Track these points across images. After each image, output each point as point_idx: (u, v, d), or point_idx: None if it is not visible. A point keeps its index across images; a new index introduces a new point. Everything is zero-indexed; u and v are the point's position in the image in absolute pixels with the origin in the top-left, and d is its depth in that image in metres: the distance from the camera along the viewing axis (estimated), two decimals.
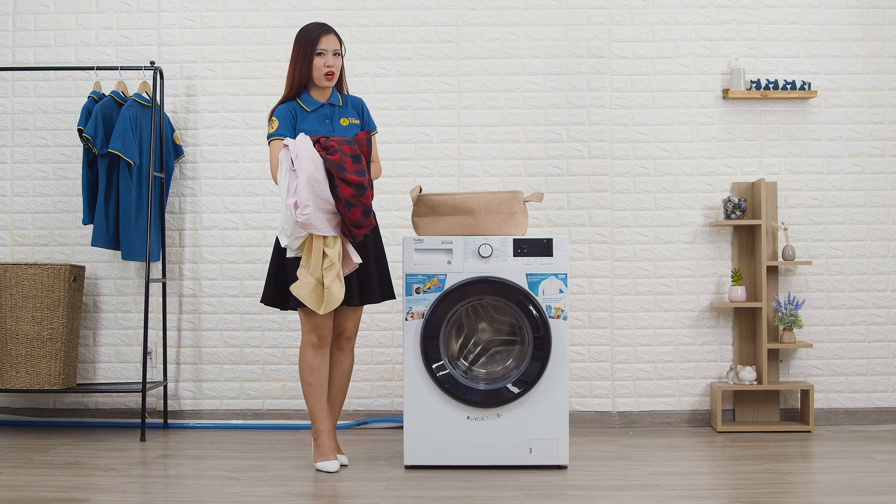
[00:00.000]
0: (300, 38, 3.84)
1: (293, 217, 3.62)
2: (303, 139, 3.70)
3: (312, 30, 3.84)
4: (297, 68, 3.85)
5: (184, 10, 5.03)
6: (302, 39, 3.83)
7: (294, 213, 3.60)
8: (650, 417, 4.92)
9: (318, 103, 3.89)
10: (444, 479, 3.74)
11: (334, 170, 3.64)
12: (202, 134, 5.03)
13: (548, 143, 4.98)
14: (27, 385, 4.60)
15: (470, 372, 4.04)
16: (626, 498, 3.42)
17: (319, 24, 3.87)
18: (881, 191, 4.97)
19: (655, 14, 4.99)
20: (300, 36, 3.85)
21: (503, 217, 3.99)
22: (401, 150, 4.97)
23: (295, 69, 3.85)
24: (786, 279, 4.94)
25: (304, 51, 3.82)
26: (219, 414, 4.97)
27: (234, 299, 4.97)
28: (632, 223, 4.96)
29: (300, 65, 3.84)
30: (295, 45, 3.86)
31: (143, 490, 3.59)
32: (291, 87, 3.87)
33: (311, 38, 3.81)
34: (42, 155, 5.05)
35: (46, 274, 4.62)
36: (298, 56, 3.84)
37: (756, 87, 4.92)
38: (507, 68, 4.99)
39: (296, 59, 3.85)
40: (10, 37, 5.06)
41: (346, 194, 3.63)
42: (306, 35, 3.83)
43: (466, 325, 4.10)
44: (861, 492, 3.48)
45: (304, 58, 3.83)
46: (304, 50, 3.82)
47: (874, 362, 4.94)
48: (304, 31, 3.86)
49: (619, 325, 4.94)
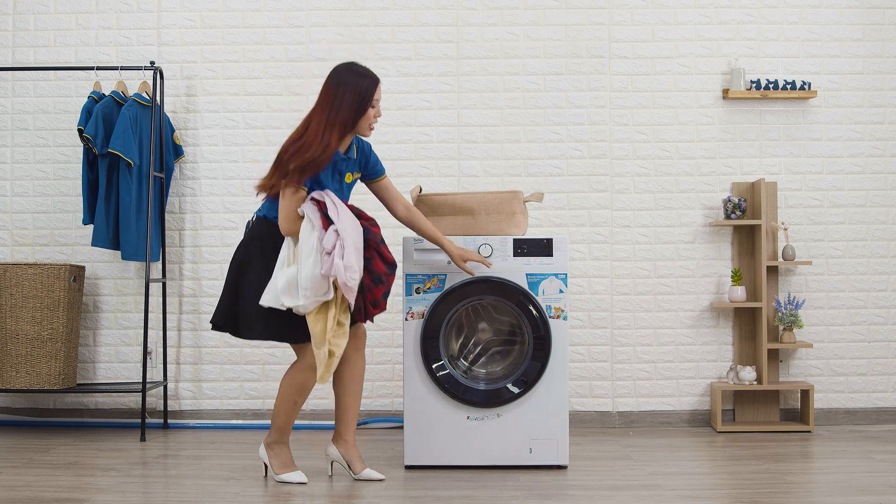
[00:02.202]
0: (356, 85, 3.50)
1: (342, 280, 3.39)
2: (339, 201, 3.51)
3: (370, 77, 3.55)
4: (341, 114, 3.48)
5: (184, 10, 5.03)
6: (358, 87, 3.50)
7: (344, 275, 3.38)
8: (650, 417, 4.92)
9: (339, 155, 3.56)
10: (444, 479, 3.74)
11: (375, 242, 3.53)
12: (202, 134, 5.03)
13: (548, 143, 4.98)
14: (27, 385, 4.60)
15: (470, 372, 4.04)
16: (626, 498, 3.42)
17: (372, 73, 3.57)
18: (881, 191, 4.97)
19: (655, 14, 4.99)
20: (355, 82, 3.51)
21: (503, 217, 3.99)
22: (401, 150, 4.97)
23: (338, 115, 3.47)
24: (786, 279, 4.94)
25: (358, 98, 3.49)
26: (219, 414, 4.97)
27: None
28: (632, 223, 4.96)
29: (350, 113, 3.49)
30: (342, 88, 3.50)
31: (143, 490, 3.59)
32: (326, 132, 3.46)
33: (370, 87, 3.52)
34: (42, 155, 5.05)
35: (46, 274, 4.62)
36: (349, 102, 3.49)
37: (756, 87, 4.92)
38: (507, 68, 4.99)
39: (341, 105, 3.48)
40: (10, 37, 5.06)
41: (380, 270, 3.54)
42: (364, 83, 3.52)
43: (466, 325, 4.10)
44: (861, 492, 3.48)
45: (357, 106, 3.50)
46: (359, 97, 3.49)
47: (874, 362, 4.94)
48: (358, 77, 3.53)
49: (619, 325, 4.94)
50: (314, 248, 3.42)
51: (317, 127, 3.48)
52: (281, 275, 3.45)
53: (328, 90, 3.53)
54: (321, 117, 3.49)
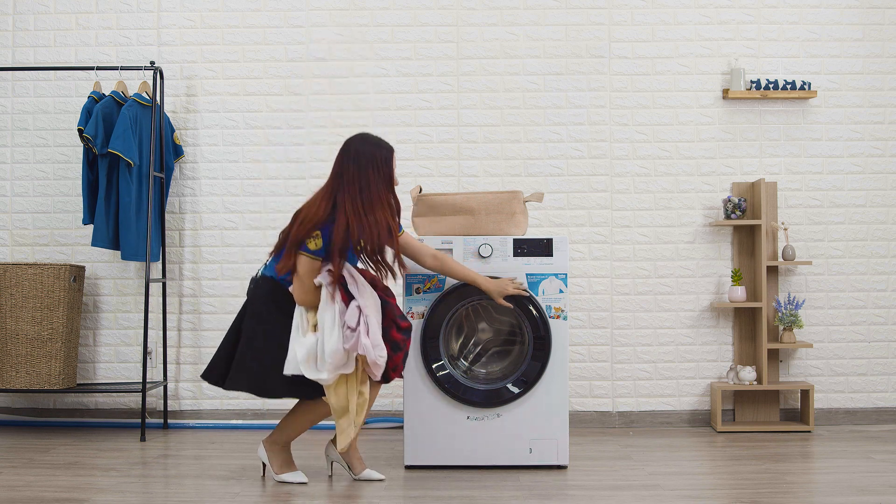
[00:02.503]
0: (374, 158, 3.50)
1: (372, 359, 3.41)
2: (356, 273, 3.51)
3: (387, 149, 3.56)
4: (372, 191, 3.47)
5: (184, 10, 5.03)
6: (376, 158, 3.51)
7: (373, 354, 3.40)
8: (650, 417, 4.92)
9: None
10: (444, 479, 3.74)
11: (393, 315, 3.53)
12: (202, 134, 5.03)
13: (548, 143, 4.98)
14: (27, 385, 4.60)
15: (470, 372, 4.04)
16: (626, 498, 3.42)
17: (387, 143, 3.58)
18: (881, 191, 4.97)
19: (655, 14, 4.99)
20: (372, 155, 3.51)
21: (503, 217, 3.99)
22: (401, 150, 4.97)
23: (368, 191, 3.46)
24: (786, 279, 4.94)
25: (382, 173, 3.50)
26: (219, 414, 4.97)
27: (234, 299, 4.97)
28: (632, 223, 4.96)
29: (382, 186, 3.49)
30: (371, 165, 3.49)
31: (143, 490, 3.59)
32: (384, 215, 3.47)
33: (387, 158, 3.53)
34: (42, 155, 5.05)
35: (46, 274, 4.62)
36: (375, 177, 3.49)
37: (756, 87, 4.92)
38: (507, 68, 4.99)
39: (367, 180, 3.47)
40: (10, 37, 5.06)
41: (398, 338, 3.53)
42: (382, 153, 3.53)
43: (466, 325, 4.10)
44: (861, 492, 3.48)
45: (384, 178, 3.51)
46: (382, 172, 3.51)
47: (874, 362, 4.94)
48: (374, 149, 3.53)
49: (619, 325, 4.94)
50: (335, 322, 3.41)
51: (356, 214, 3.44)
52: (299, 346, 3.44)
53: (349, 165, 3.50)
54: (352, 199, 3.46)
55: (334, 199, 3.50)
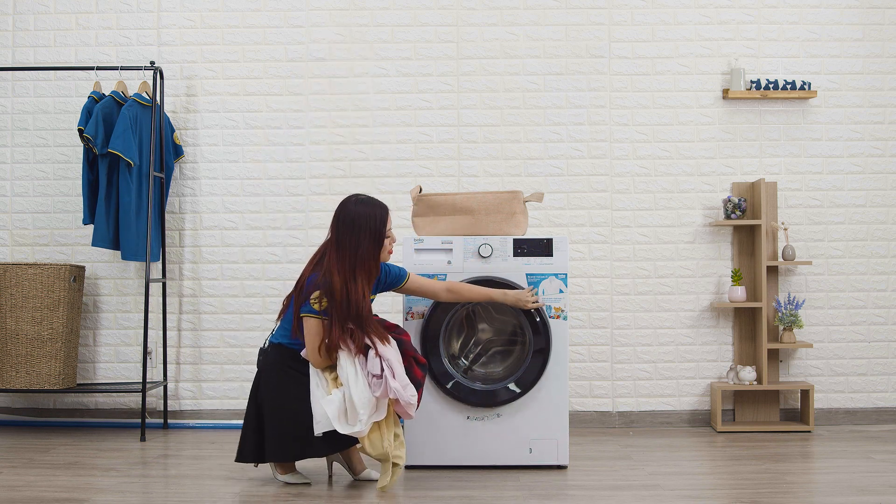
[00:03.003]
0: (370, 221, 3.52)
1: (405, 400, 3.42)
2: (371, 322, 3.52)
3: (382, 208, 3.58)
4: (361, 256, 3.49)
5: (184, 10, 5.03)
6: (372, 220, 3.53)
7: (405, 395, 3.41)
8: (650, 417, 4.92)
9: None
10: (444, 479, 3.74)
11: (410, 351, 3.55)
12: (202, 134, 5.03)
13: (548, 143, 4.98)
14: (27, 385, 4.60)
15: (470, 372, 4.03)
16: (626, 498, 3.42)
17: (382, 203, 3.60)
18: (881, 191, 4.97)
19: (655, 14, 4.99)
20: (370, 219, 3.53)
21: (503, 217, 3.99)
22: (401, 150, 4.97)
23: (357, 257, 3.49)
24: (786, 279, 4.94)
25: (374, 234, 3.53)
26: (219, 414, 4.97)
27: (234, 299, 4.97)
28: (632, 223, 4.96)
29: (370, 248, 3.52)
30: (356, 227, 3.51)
31: (143, 490, 3.59)
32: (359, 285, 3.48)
33: (383, 219, 3.56)
34: (42, 155, 5.05)
35: (46, 274, 4.62)
36: (367, 239, 3.51)
37: (756, 87, 4.92)
38: (507, 68, 4.99)
39: (358, 245, 3.50)
40: (10, 37, 5.06)
41: (419, 376, 3.54)
42: (378, 214, 3.55)
43: (466, 325, 4.10)
44: (861, 492, 3.47)
45: (375, 240, 3.53)
46: (375, 233, 3.53)
47: (874, 362, 4.94)
48: (370, 210, 3.55)
49: (619, 325, 4.94)
50: (358, 373, 3.43)
51: (343, 278, 3.47)
52: (326, 404, 3.43)
53: (342, 229, 3.53)
54: (342, 264, 3.49)
55: (336, 262, 3.51)
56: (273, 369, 3.56)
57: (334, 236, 3.55)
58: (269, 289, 4.96)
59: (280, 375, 3.54)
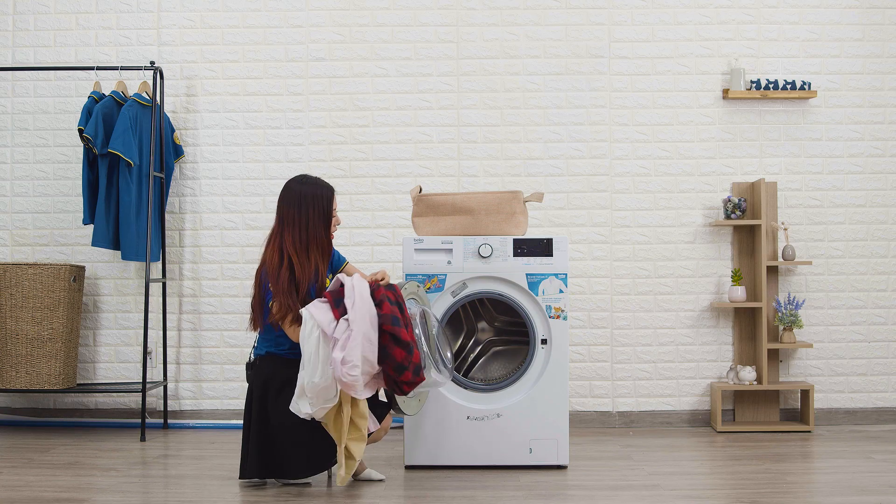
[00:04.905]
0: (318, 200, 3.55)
1: (337, 375, 3.25)
2: (360, 282, 3.42)
3: (328, 188, 3.60)
4: (313, 232, 3.52)
5: (184, 10, 5.03)
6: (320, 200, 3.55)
7: (340, 371, 3.25)
8: (650, 417, 4.92)
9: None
10: (444, 479, 3.74)
11: (388, 325, 3.34)
12: (202, 134, 5.03)
13: (548, 143, 4.98)
14: (27, 385, 4.60)
15: (470, 371, 4.03)
16: (626, 498, 3.42)
17: (327, 184, 3.62)
18: (881, 191, 4.97)
19: (655, 14, 4.99)
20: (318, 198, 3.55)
21: (503, 217, 3.99)
22: (401, 150, 4.97)
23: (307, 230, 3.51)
24: (786, 279, 4.94)
25: (323, 213, 3.54)
26: (219, 414, 4.97)
27: (234, 299, 4.97)
28: (632, 223, 4.96)
29: (320, 226, 3.53)
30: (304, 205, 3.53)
31: (143, 490, 3.59)
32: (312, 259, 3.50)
33: (329, 198, 3.57)
34: (42, 155, 5.05)
35: (46, 274, 4.62)
36: (316, 217, 3.53)
37: (756, 87, 4.92)
38: (507, 68, 4.99)
39: (306, 219, 3.51)
40: (10, 37, 5.06)
41: (400, 357, 3.35)
42: (325, 194, 3.57)
43: (466, 325, 4.10)
44: (861, 492, 3.48)
45: (324, 219, 3.54)
46: (323, 212, 3.54)
47: (874, 362, 4.94)
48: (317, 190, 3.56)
49: (619, 325, 4.94)
50: (311, 355, 3.31)
51: (296, 253, 3.48)
52: (298, 381, 3.39)
53: (290, 208, 3.53)
54: (293, 239, 3.50)
55: (281, 243, 3.51)
56: (267, 382, 3.51)
57: (279, 217, 3.55)
58: None
59: (277, 388, 3.50)
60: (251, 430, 3.53)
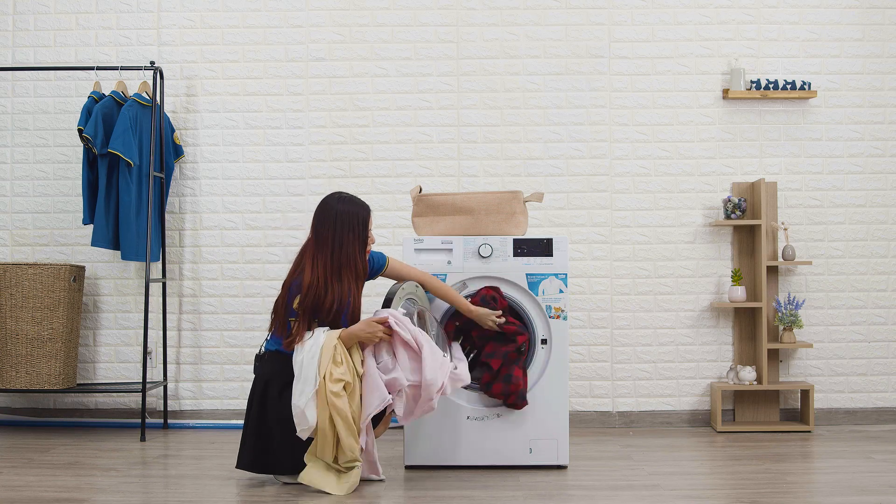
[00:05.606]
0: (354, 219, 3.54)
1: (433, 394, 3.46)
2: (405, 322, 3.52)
3: (365, 208, 3.59)
4: (344, 251, 3.51)
5: (184, 10, 5.03)
6: (355, 219, 3.54)
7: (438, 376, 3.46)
8: (650, 417, 4.92)
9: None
10: (444, 479, 3.74)
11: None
12: (202, 134, 5.03)
13: (548, 143, 4.98)
14: (27, 385, 4.60)
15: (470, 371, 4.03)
16: (626, 498, 3.42)
17: (364, 203, 3.62)
18: (881, 191, 4.97)
19: (655, 14, 4.99)
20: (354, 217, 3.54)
21: (503, 217, 3.99)
22: (401, 150, 4.97)
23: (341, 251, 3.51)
24: (786, 279, 4.94)
25: (358, 234, 3.54)
26: (219, 414, 4.97)
27: (234, 299, 4.97)
28: (632, 223, 4.96)
29: (355, 247, 3.53)
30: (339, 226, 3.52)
31: (143, 490, 3.59)
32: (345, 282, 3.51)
33: (365, 218, 3.57)
34: (42, 155, 5.05)
35: (46, 274, 4.62)
36: (350, 239, 3.52)
37: (756, 87, 4.92)
38: (507, 68, 4.99)
39: (340, 240, 3.51)
40: (10, 37, 5.06)
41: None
42: (361, 213, 3.57)
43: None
44: (861, 492, 3.47)
45: (359, 240, 3.55)
46: (359, 233, 3.55)
47: (874, 362, 4.94)
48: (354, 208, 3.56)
49: (619, 325, 4.94)
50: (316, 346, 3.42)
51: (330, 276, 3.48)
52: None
53: (326, 229, 3.53)
54: (324, 261, 3.50)
55: (314, 259, 3.52)
56: (276, 376, 3.54)
57: (314, 235, 3.55)
58: (269, 289, 4.96)
59: (284, 383, 3.52)
60: (250, 422, 3.57)
